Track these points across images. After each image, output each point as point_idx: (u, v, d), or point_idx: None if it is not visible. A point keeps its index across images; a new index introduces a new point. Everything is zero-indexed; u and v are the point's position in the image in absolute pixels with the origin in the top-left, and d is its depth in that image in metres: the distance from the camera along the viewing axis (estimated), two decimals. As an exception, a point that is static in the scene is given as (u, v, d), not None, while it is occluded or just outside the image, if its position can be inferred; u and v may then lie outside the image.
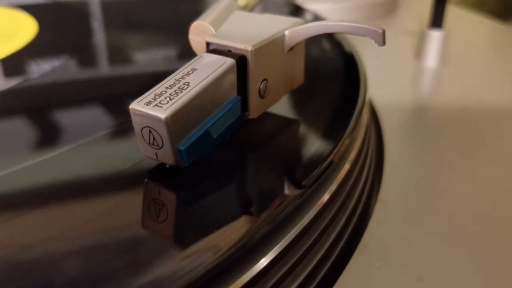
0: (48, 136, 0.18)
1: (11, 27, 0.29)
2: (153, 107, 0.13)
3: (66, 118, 0.19)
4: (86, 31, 0.29)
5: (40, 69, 0.23)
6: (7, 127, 0.18)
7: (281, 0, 0.36)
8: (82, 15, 0.31)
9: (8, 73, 0.23)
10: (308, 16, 0.32)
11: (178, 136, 0.13)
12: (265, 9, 0.32)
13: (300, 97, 0.19)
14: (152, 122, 0.13)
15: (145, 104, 0.13)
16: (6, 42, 0.26)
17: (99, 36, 0.28)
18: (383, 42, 0.15)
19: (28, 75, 0.23)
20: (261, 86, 0.16)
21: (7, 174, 0.15)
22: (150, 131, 0.13)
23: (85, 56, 0.25)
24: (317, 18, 0.31)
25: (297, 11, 0.34)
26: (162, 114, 0.13)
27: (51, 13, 0.32)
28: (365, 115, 0.20)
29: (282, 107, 0.18)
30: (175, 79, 0.14)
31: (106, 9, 0.33)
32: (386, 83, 0.31)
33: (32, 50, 0.25)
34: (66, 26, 0.30)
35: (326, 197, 0.15)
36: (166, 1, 0.35)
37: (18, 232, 0.12)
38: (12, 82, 0.21)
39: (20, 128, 0.18)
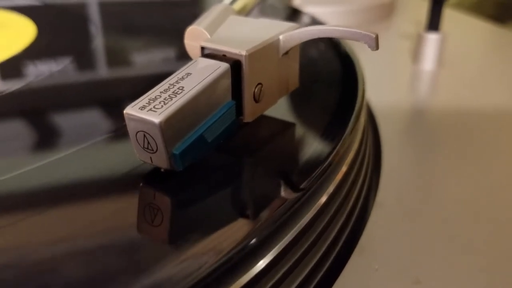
0: (45, 141, 0.18)
1: (9, 30, 0.29)
2: (147, 111, 0.13)
3: (62, 122, 0.19)
4: (84, 34, 0.29)
5: (39, 73, 0.23)
6: (7, 131, 0.18)
7: (278, 3, 0.36)
8: (79, 18, 0.32)
9: (8, 77, 0.23)
10: (305, 19, 0.32)
11: (173, 140, 0.13)
12: (262, 13, 0.32)
13: (298, 99, 0.19)
14: (146, 126, 0.13)
15: (139, 108, 0.13)
16: (5, 45, 0.26)
17: (97, 39, 0.28)
18: (376, 47, 0.15)
19: (28, 78, 0.23)
20: (256, 90, 0.16)
21: (4, 180, 0.15)
22: (144, 136, 0.13)
23: (84, 59, 0.25)
24: (314, 21, 0.31)
25: (294, 14, 0.34)
26: (156, 118, 0.13)
27: (49, 15, 0.32)
28: (363, 118, 0.20)
29: (280, 110, 0.18)
30: (169, 84, 0.14)
31: (103, 12, 0.33)
32: (383, 86, 0.31)
33: (31, 54, 0.25)
34: (64, 29, 0.30)
35: (323, 199, 0.15)
36: (163, 5, 0.35)
37: (16, 237, 0.13)
38: (12, 86, 0.22)
39: (17, 132, 0.18)
